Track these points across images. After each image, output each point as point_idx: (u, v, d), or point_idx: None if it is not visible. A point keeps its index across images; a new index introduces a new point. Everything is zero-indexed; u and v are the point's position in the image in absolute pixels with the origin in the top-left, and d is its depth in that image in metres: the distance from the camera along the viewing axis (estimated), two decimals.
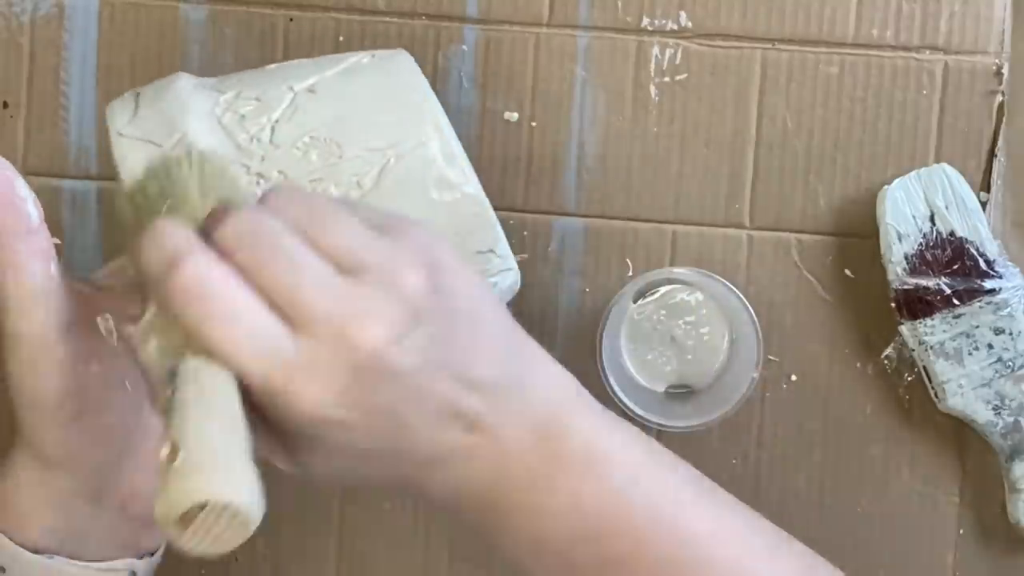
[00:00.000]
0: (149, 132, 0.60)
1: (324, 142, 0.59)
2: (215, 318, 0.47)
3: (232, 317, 0.47)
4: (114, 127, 0.60)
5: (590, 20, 0.72)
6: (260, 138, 0.59)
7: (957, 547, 0.72)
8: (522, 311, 0.73)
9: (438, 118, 0.61)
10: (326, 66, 0.62)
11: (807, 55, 0.72)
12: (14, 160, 0.73)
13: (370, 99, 0.61)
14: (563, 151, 0.73)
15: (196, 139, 0.58)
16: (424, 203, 0.59)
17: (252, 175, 0.58)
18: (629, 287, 0.68)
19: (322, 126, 0.60)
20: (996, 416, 0.70)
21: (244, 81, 0.62)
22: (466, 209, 0.60)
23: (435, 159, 0.60)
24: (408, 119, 0.60)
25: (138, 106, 0.61)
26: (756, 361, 0.67)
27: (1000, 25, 0.72)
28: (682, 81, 0.72)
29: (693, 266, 0.71)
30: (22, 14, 0.73)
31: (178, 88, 0.61)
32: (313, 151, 0.59)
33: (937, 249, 0.70)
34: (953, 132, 0.72)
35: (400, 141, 0.60)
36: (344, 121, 0.60)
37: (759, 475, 0.73)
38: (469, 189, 0.60)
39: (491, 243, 0.61)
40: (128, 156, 0.59)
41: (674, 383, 0.72)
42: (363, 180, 0.59)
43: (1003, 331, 0.69)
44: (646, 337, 0.71)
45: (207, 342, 0.47)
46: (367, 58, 0.63)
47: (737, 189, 0.72)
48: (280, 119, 0.60)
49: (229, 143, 0.59)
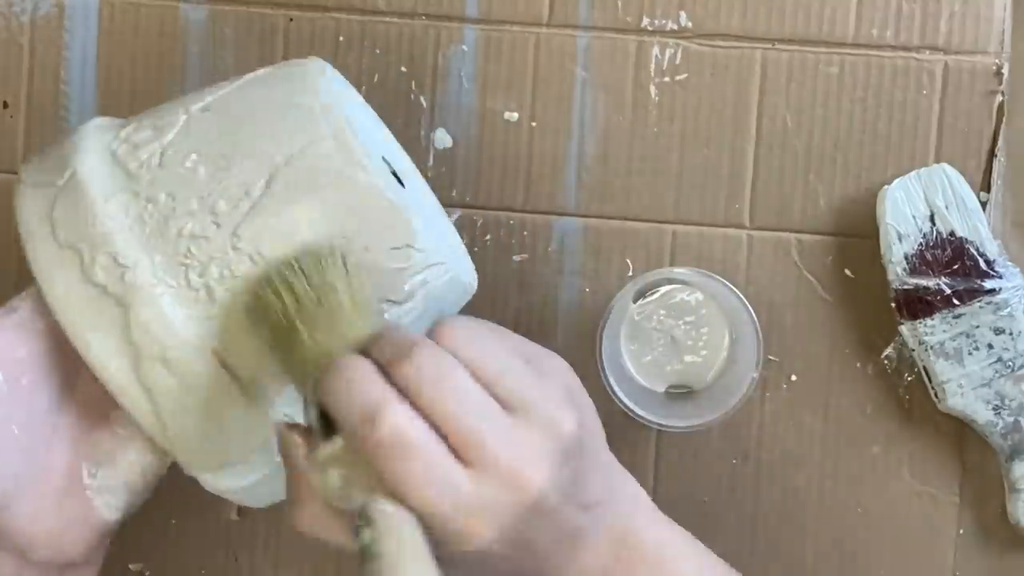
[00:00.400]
0: (46, 173, 0.59)
1: (212, 157, 0.57)
2: (414, 473, 0.49)
3: (428, 470, 0.49)
4: (21, 176, 0.60)
5: (590, 20, 0.72)
6: (150, 163, 0.58)
7: (957, 547, 0.72)
8: (522, 311, 0.73)
9: (337, 116, 0.58)
10: (226, 85, 0.61)
11: (807, 55, 0.72)
12: (14, 160, 0.73)
13: (262, 109, 0.59)
14: (563, 151, 0.73)
15: (85, 174, 0.57)
16: (320, 204, 0.57)
17: (141, 200, 0.57)
18: (629, 287, 0.68)
19: (211, 142, 0.58)
20: (996, 416, 0.70)
21: (149, 113, 0.61)
22: (372, 204, 0.57)
23: (329, 157, 0.57)
24: (300, 122, 0.58)
25: (44, 153, 0.61)
26: (756, 361, 0.67)
27: (1000, 25, 0.72)
28: (682, 81, 0.72)
29: (693, 266, 0.71)
30: (22, 14, 0.73)
31: (84, 128, 0.60)
32: (201, 167, 0.57)
33: (937, 249, 0.70)
34: (953, 132, 0.72)
35: (289, 144, 0.58)
36: (234, 133, 0.58)
37: (759, 475, 0.73)
38: (372, 184, 0.58)
39: (406, 238, 0.58)
40: (22, 205, 0.58)
41: (674, 383, 0.72)
42: (252, 189, 0.57)
43: (1003, 331, 0.69)
44: (646, 337, 0.71)
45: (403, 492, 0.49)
46: (268, 69, 0.62)
47: (737, 189, 0.72)
48: (171, 142, 0.58)
49: (120, 173, 0.58)
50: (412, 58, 0.72)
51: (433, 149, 0.73)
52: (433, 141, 0.73)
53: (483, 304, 0.73)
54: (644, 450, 0.73)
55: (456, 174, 0.73)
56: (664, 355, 0.71)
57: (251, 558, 0.73)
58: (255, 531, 0.73)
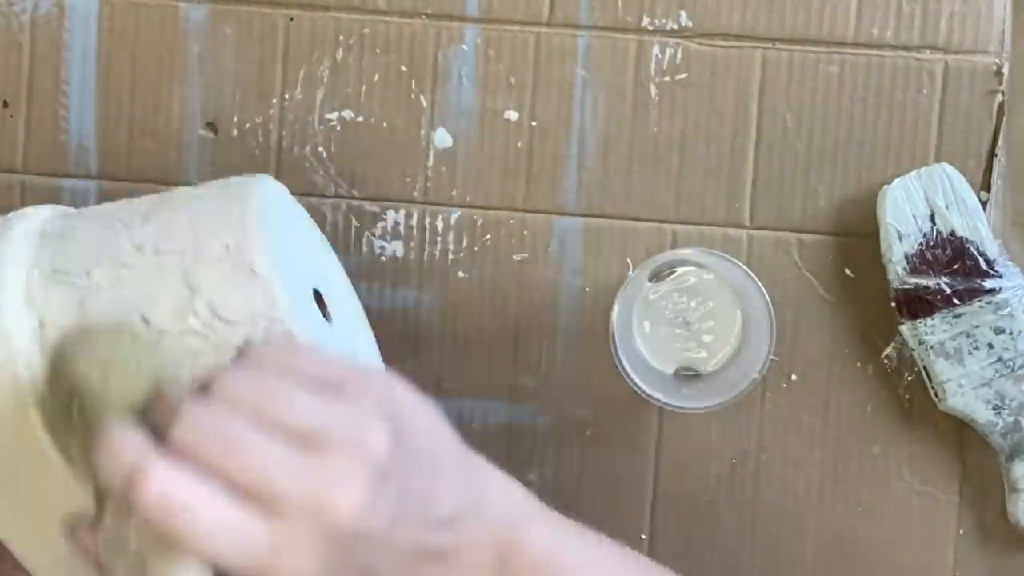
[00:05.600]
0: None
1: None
2: (188, 525, 0.47)
3: (205, 521, 0.48)
4: None
5: (590, 20, 0.72)
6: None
7: (957, 547, 0.72)
8: (522, 311, 0.73)
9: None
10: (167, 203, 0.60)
11: (807, 55, 0.72)
12: (14, 160, 0.73)
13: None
14: (563, 151, 0.73)
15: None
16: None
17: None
18: (649, 262, 0.67)
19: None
20: (996, 416, 0.70)
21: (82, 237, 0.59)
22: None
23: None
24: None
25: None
26: (769, 344, 0.67)
27: (1000, 25, 0.72)
28: (682, 81, 0.72)
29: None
30: (22, 13, 0.73)
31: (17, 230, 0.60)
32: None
33: (937, 249, 0.70)
34: (953, 132, 0.72)
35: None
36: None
37: (759, 475, 0.73)
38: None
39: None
40: None
41: (684, 365, 0.71)
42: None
43: (1003, 331, 0.69)
44: (659, 318, 0.71)
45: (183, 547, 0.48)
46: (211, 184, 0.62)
47: (737, 189, 0.72)
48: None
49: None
50: (412, 58, 0.72)
51: (433, 149, 0.73)
52: (433, 141, 0.73)
53: (483, 304, 0.73)
54: (644, 450, 0.73)
55: (456, 174, 0.73)
56: (676, 337, 0.71)
57: None
58: None
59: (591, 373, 0.72)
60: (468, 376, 0.73)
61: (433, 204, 0.72)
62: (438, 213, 0.73)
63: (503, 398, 0.73)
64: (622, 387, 0.67)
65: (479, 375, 0.73)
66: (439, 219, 0.73)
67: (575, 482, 0.73)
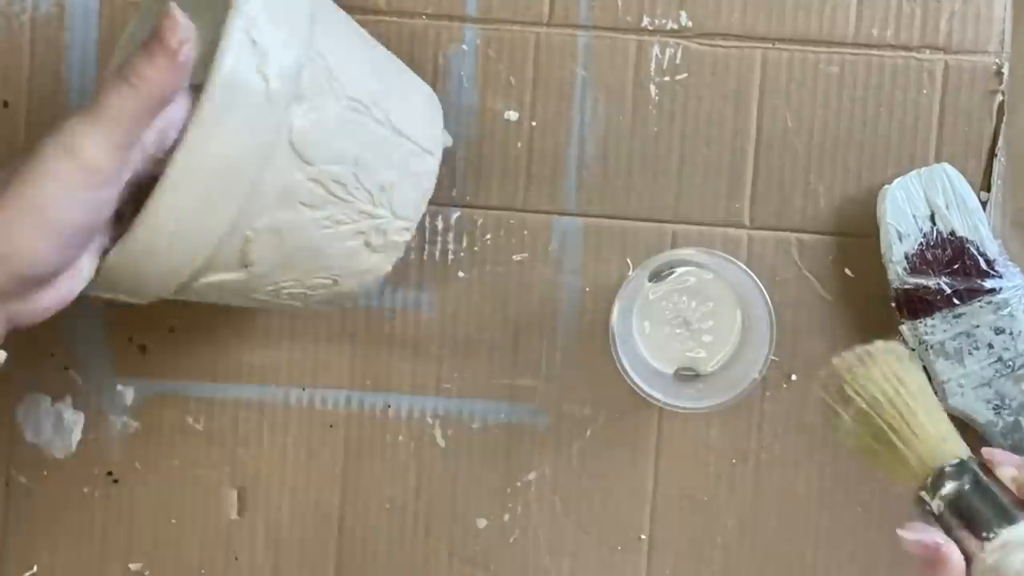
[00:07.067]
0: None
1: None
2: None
3: None
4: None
5: (590, 20, 0.72)
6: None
7: None
8: (522, 311, 0.73)
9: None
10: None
11: (807, 55, 0.72)
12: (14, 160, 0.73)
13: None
14: (563, 151, 0.73)
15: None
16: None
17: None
18: (649, 262, 0.68)
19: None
20: (996, 416, 0.70)
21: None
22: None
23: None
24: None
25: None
26: (769, 345, 0.67)
27: (1000, 25, 0.72)
28: (682, 81, 0.72)
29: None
30: (22, 14, 0.73)
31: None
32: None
33: (937, 248, 0.70)
34: (953, 132, 0.72)
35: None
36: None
37: (759, 475, 0.73)
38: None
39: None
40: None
41: (684, 366, 0.71)
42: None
43: (1003, 331, 0.69)
44: (659, 318, 0.71)
45: None
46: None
47: (737, 189, 0.73)
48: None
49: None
50: (412, 58, 0.72)
51: None
52: None
53: (483, 304, 0.73)
54: (645, 450, 0.73)
55: (456, 174, 0.73)
56: (676, 337, 0.71)
57: (251, 558, 0.73)
58: (255, 531, 0.73)
59: (591, 373, 0.73)
60: (468, 376, 0.73)
61: (433, 204, 0.72)
62: (438, 213, 0.73)
63: (503, 398, 0.73)
64: (622, 387, 0.67)
65: (479, 375, 0.73)
66: (439, 219, 0.73)
67: (575, 482, 0.73)
